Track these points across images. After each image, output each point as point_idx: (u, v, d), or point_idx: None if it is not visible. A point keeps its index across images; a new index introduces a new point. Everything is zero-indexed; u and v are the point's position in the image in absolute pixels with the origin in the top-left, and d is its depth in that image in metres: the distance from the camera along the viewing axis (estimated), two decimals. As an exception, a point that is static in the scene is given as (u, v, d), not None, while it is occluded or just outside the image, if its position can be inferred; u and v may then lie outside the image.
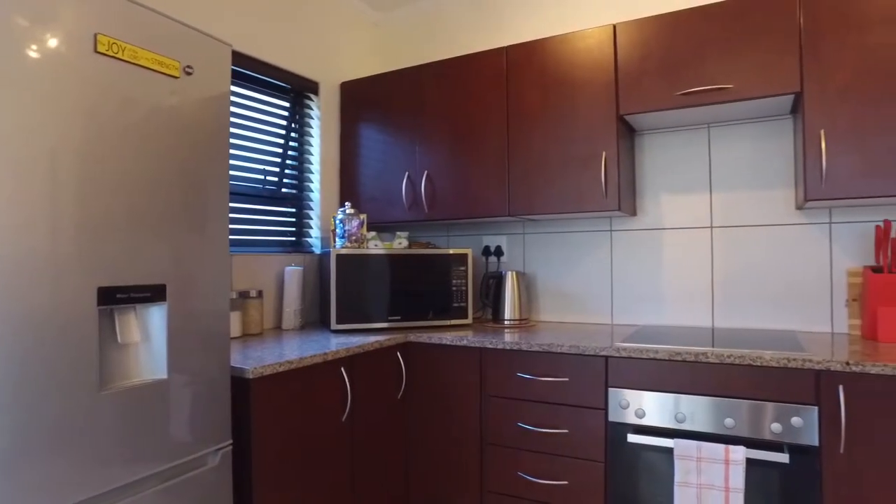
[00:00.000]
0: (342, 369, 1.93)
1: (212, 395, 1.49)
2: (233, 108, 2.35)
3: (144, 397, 1.32)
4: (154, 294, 1.35)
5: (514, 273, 2.55)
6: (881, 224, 1.92)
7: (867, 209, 2.11)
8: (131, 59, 1.30)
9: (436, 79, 2.56)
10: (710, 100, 2.02)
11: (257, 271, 2.40)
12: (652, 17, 2.13)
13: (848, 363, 1.59)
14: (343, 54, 2.93)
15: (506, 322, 2.52)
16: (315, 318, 2.68)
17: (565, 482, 1.98)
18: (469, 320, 2.49)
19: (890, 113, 1.78)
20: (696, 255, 2.39)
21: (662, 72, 2.10)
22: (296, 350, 1.87)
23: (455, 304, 2.45)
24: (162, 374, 1.37)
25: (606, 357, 1.92)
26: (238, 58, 2.33)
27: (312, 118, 2.76)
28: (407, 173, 2.61)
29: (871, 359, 1.60)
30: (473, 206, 2.46)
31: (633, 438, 1.84)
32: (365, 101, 2.77)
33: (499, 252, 2.78)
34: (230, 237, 2.30)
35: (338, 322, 2.28)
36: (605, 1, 2.60)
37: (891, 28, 1.79)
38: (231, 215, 2.33)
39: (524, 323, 2.54)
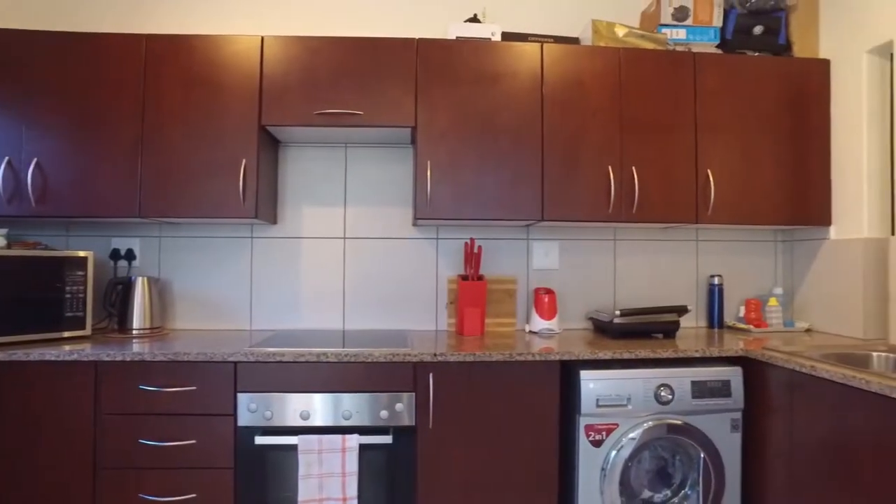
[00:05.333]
0: None
1: None
2: None
3: None
4: None
5: (145, 279, 2.35)
6: (468, 241, 2.41)
7: (462, 228, 2.62)
8: None
9: (56, 52, 2.20)
10: (344, 122, 2.24)
11: None
12: (297, 37, 2.25)
13: (436, 354, 1.95)
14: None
15: (134, 332, 2.31)
16: None
17: (193, 495, 1.92)
18: (87, 331, 2.21)
19: (470, 154, 2.26)
20: (331, 263, 2.61)
21: (303, 90, 2.23)
22: None
23: (69, 314, 2.15)
24: None
25: (235, 363, 1.94)
26: None
27: None
28: (7, 158, 2.18)
29: (455, 349, 1.99)
30: (97, 204, 2.19)
31: (260, 440, 1.90)
32: (-50, 61, 2.21)
33: (130, 256, 2.53)
34: None
35: None
36: (253, 12, 2.64)
37: (471, 88, 2.27)
38: None
39: (156, 332, 2.37)
